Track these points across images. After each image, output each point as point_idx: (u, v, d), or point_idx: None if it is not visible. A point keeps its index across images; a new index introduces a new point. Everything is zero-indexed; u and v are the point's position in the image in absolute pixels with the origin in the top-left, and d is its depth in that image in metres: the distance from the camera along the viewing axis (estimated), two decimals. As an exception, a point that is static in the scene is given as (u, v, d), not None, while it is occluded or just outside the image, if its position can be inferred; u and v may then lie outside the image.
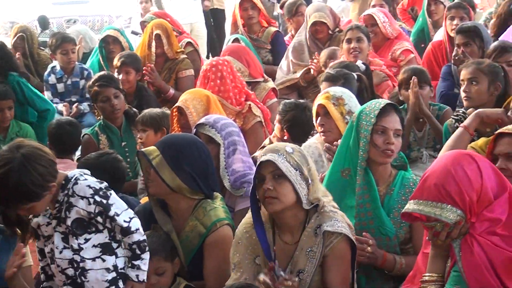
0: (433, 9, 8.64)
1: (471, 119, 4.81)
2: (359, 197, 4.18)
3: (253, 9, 8.59)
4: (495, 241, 3.28)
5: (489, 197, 3.28)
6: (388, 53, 7.86)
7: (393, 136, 4.10)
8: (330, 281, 3.73)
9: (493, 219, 3.29)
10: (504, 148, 3.84)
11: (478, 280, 3.23)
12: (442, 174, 3.27)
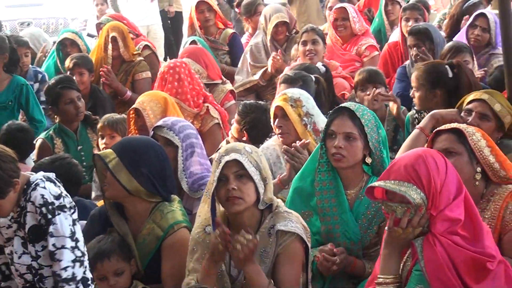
0: (390, 9, 8.77)
1: (427, 121, 4.89)
2: (325, 200, 4.20)
3: (209, 11, 8.59)
4: (456, 241, 3.32)
5: (450, 193, 3.35)
6: (353, 48, 7.94)
7: (343, 140, 4.10)
8: (281, 279, 3.73)
9: (453, 219, 3.33)
10: (442, 145, 3.89)
11: (440, 279, 3.27)
12: (413, 157, 3.38)
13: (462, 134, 3.89)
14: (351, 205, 4.18)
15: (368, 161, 4.21)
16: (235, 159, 3.70)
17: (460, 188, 3.40)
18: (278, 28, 8.04)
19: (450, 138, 3.91)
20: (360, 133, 4.14)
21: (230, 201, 3.72)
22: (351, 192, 4.21)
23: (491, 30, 7.00)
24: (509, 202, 3.83)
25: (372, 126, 4.19)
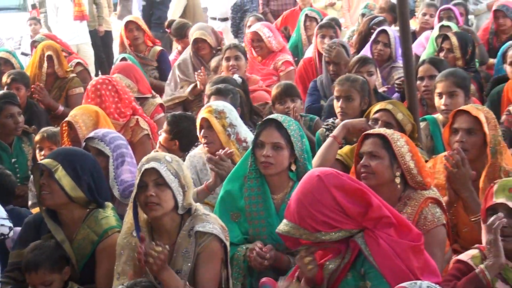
0: (308, 24, 8.91)
1: (339, 130, 4.97)
2: (253, 205, 4.25)
3: (138, 30, 8.61)
4: (392, 233, 3.39)
5: (355, 207, 3.37)
6: (271, 63, 8.05)
7: (271, 149, 4.16)
8: (199, 277, 3.77)
9: (381, 216, 3.38)
10: (368, 148, 3.98)
11: (390, 267, 3.31)
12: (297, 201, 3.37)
13: (387, 140, 3.97)
14: (277, 209, 4.22)
15: (293, 168, 4.28)
16: (154, 167, 3.75)
17: (363, 196, 3.41)
18: (199, 45, 8.09)
19: (375, 142, 3.98)
20: (286, 142, 4.19)
21: (148, 206, 3.76)
22: (277, 197, 4.26)
23: (391, 45, 7.22)
24: (423, 208, 3.91)
25: (297, 135, 4.25)
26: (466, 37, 7.02)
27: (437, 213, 3.93)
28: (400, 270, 3.32)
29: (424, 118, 5.52)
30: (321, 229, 3.32)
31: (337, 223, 3.33)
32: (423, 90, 5.95)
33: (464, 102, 5.21)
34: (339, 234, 3.35)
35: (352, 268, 3.44)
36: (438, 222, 3.90)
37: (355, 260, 3.42)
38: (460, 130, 4.37)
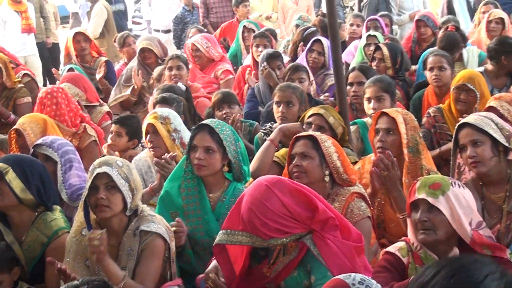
0: (246, 35, 8.97)
1: (276, 134, 5.02)
2: (191, 204, 4.26)
3: (85, 41, 8.57)
4: (338, 235, 3.41)
5: (303, 211, 3.36)
6: (212, 72, 8.11)
7: (203, 152, 4.19)
8: (139, 270, 3.77)
9: (327, 218, 3.40)
10: (300, 149, 4.05)
11: (338, 265, 3.32)
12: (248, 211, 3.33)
13: (316, 141, 4.05)
14: (213, 207, 4.25)
15: (225, 169, 4.33)
16: (106, 172, 3.76)
17: (308, 201, 3.40)
18: (145, 54, 8.11)
19: (306, 143, 4.05)
20: (218, 146, 4.22)
21: (98, 208, 3.77)
22: (213, 196, 4.29)
23: (325, 53, 7.31)
24: (350, 202, 4.01)
25: (231, 139, 4.27)
26: (396, 47, 7.17)
27: (362, 207, 4.04)
28: (347, 268, 3.33)
29: (355, 121, 5.61)
30: (274, 236, 3.30)
31: (288, 228, 3.32)
32: (353, 96, 6.05)
33: (390, 105, 5.31)
34: (290, 238, 3.36)
35: (299, 266, 3.46)
36: (364, 215, 4.01)
37: (303, 259, 3.45)
38: (380, 130, 4.48)
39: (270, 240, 3.31)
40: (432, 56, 6.33)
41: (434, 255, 3.38)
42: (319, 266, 3.35)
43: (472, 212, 3.39)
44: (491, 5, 9.29)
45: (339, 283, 2.68)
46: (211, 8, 12.09)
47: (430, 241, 3.36)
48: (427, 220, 3.33)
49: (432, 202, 3.33)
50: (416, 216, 3.38)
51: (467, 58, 7.54)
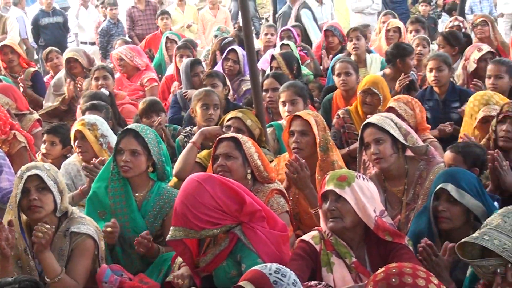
0: (169, 46, 8.98)
1: (197, 136, 5.00)
2: (118, 203, 4.24)
3: (12, 53, 8.38)
4: (265, 226, 3.49)
5: (232, 204, 3.45)
6: (138, 80, 8.04)
7: (129, 155, 4.19)
8: (69, 268, 3.74)
9: (254, 210, 3.48)
10: (223, 150, 4.10)
11: (267, 252, 3.42)
12: (181, 205, 3.41)
13: (239, 142, 4.10)
14: (139, 205, 4.24)
15: (149, 170, 4.33)
16: (36, 173, 3.72)
17: (237, 194, 3.48)
18: (71, 64, 7.97)
19: (229, 144, 4.10)
20: (143, 148, 4.23)
21: (32, 209, 3.73)
22: (139, 195, 4.27)
23: (240, 62, 7.36)
24: (270, 198, 4.08)
25: (154, 142, 4.29)
26: (290, 55, 7.31)
27: (281, 202, 4.13)
28: (275, 255, 3.44)
29: (271, 124, 5.66)
30: (206, 227, 3.38)
31: (219, 220, 3.40)
32: (268, 101, 6.11)
33: (303, 108, 5.37)
34: (220, 229, 3.43)
35: (229, 256, 3.52)
36: (283, 209, 4.09)
37: (233, 250, 3.50)
38: (295, 132, 4.55)
39: (202, 232, 3.38)
40: (339, 62, 6.43)
41: (343, 242, 3.46)
42: (249, 254, 3.42)
43: (375, 202, 3.48)
44: (389, 15, 9.55)
45: (257, 273, 2.73)
46: (137, 21, 12.14)
47: (338, 228, 3.44)
48: (335, 209, 3.41)
49: (339, 192, 3.41)
50: (325, 206, 3.46)
51: (370, 64, 7.73)
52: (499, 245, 2.74)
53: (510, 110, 4.50)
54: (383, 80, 5.91)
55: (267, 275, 2.71)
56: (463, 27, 8.31)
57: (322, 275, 3.43)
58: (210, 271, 3.57)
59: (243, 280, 2.75)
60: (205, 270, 3.58)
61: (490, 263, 2.78)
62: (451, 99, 6.11)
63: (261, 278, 2.71)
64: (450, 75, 6.30)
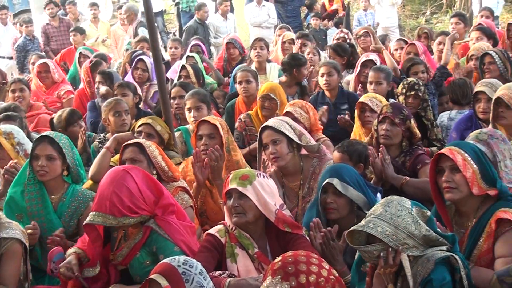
0: (82, 60, 8.78)
1: (111, 142, 4.95)
2: (34, 206, 4.15)
3: None
4: (175, 218, 3.49)
5: (151, 195, 3.45)
6: (55, 92, 7.93)
7: (45, 160, 4.11)
8: (3, 273, 3.60)
9: (169, 204, 3.48)
10: (129, 155, 4.10)
11: (181, 239, 3.42)
12: (107, 189, 3.36)
13: (142, 147, 4.08)
14: (55, 207, 4.18)
15: (64, 174, 4.25)
16: None
17: (156, 187, 3.50)
18: None
19: (134, 149, 4.10)
20: (58, 154, 4.16)
21: None
22: (55, 197, 4.20)
23: (148, 69, 7.38)
24: (175, 195, 4.04)
25: (68, 147, 4.23)
26: (197, 66, 7.37)
27: (185, 198, 4.14)
28: (190, 243, 3.45)
29: (179, 128, 5.63)
30: (126, 214, 3.33)
31: (138, 209, 3.37)
32: (176, 107, 6.08)
33: (207, 114, 5.36)
34: (137, 219, 3.39)
35: (142, 248, 3.48)
36: (187, 204, 4.10)
37: (146, 241, 3.47)
38: (203, 136, 4.54)
39: (120, 218, 3.33)
40: (240, 71, 6.47)
41: (246, 234, 3.47)
42: (166, 245, 3.41)
43: (275, 197, 3.51)
44: (284, 28, 9.67)
45: (166, 266, 2.71)
46: (51, 37, 11.94)
47: (241, 222, 3.45)
48: (238, 206, 3.42)
49: (242, 190, 3.42)
50: (229, 203, 3.46)
51: (269, 72, 7.80)
52: (382, 232, 2.80)
53: (388, 111, 4.62)
54: (280, 86, 5.97)
55: (176, 267, 2.70)
56: (348, 38, 8.52)
57: (227, 265, 3.44)
58: (126, 264, 3.53)
59: (154, 273, 2.71)
60: (121, 263, 3.55)
61: (374, 248, 2.83)
62: (341, 102, 6.25)
63: (170, 270, 2.69)
64: (339, 80, 6.45)
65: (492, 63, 6.09)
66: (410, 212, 2.86)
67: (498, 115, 4.67)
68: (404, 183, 4.35)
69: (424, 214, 2.92)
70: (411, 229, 2.83)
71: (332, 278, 2.42)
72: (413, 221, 2.84)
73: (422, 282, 2.80)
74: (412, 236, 2.83)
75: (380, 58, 7.18)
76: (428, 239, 2.87)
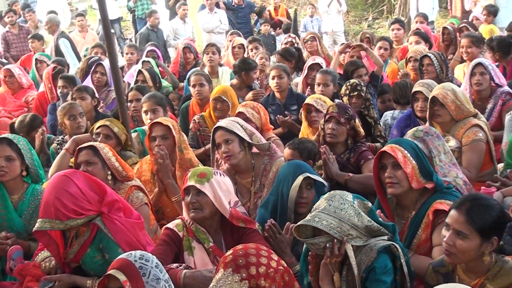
0: (38, 66, 8.62)
1: (70, 144, 4.89)
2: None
3: None
4: (122, 215, 3.43)
5: (95, 195, 3.39)
6: (23, 97, 7.81)
7: (4, 161, 4.02)
8: None
9: (113, 201, 3.43)
10: (84, 157, 4.01)
11: (125, 240, 3.36)
12: (50, 196, 3.29)
13: (96, 149, 4.02)
14: (15, 206, 4.10)
15: (23, 174, 4.16)
16: None
17: (99, 187, 3.45)
18: None
19: (88, 152, 4.02)
20: (17, 154, 4.09)
21: None
22: (15, 197, 4.12)
23: (107, 73, 7.24)
24: (129, 194, 4.03)
25: (26, 149, 4.16)
26: (153, 71, 7.34)
27: (140, 196, 4.08)
28: (133, 242, 3.40)
29: (136, 130, 5.58)
30: (72, 217, 3.27)
31: (83, 210, 3.31)
32: (133, 110, 6.03)
33: (163, 116, 5.31)
34: (84, 220, 3.33)
35: (92, 244, 3.45)
36: (142, 202, 4.06)
37: (95, 238, 3.44)
38: (157, 137, 4.52)
39: (67, 221, 3.28)
40: (193, 75, 6.44)
41: (203, 228, 3.47)
42: (111, 246, 3.38)
43: (231, 195, 3.50)
44: (235, 34, 9.72)
45: (123, 261, 2.68)
46: (11, 44, 11.72)
47: (198, 218, 3.44)
48: (196, 202, 3.41)
49: (200, 187, 3.41)
50: (187, 199, 3.45)
51: (221, 75, 7.79)
52: (327, 225, 2.83)
53: (334, 111, 4.66)
54: (232, 89, 5.96)
55: (132, 262, 2.67)
56: (296, 43, 8.57)
57: (184, 258, 3.43)
58: (78, 260, 3.50)
59: (112, 269, 2.69)
60: (74, 260, 3.50)
61: (320, 240, 2.86)
62: (290, 103, 6.28)
63: (127, 265, 2.66)
64: (289, 82, 6.48)
65: (430, 65, 6.20)
66: (352, 205, 2.89)
67: (434, 113, 4.76)
68: (348, 179, 4.41)
69: (366, 206, 2.96)
70: (354, 220, 2.86)
71: (281, 268, 2.42)
72: (355, 213, 2.88)
73: (366, 270, 2.84)
74: (355, 227, 2.86)
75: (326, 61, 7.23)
76: (370, 230, 2.91)
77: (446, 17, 13.61)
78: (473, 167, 4.49)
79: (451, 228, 2.71)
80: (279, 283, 2.40)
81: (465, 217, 2.67)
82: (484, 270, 2.71)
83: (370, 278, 2.80)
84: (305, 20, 13.20)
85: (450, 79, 6.13)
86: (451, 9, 13.03)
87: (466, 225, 2.67)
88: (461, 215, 2.68)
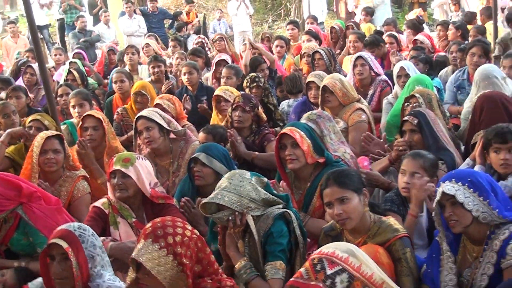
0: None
1: (4, 137, 4.58)
2: None
3: None
4: (42, 203, 3.27)
5: (10, 192, 3.20)
6: None
7: None
8: None
9: (31, 192, 3.24)
10: (49, 146, 3.88)
11: (45, 226, 3.20)
12: None
13: (62, 139, 3.94)
14: None
15: None
16: None
17: (15, 186, 3.26)
18: None
19: (53, 142, 3.90)
20: None
21: None
22: None
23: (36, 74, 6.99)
24: (76, 183, 3.91)
25: None
26: (81, 71, 7.13)
27: (85, 185, 3.99)
28: (52, 226, 3.20)
29: (65, 122, 5.37)
30: None
31: (2, 207, 3.17)
32: (62, 103, 5.85)
33: (89, 109, 5.09)
34: (6, 213, 3.20)
35: (17, 228, 3.34)
36: (86, 191, 3.96)
37: (20, 224, 3.32)
38: (89, 127, 4.43)
39: None
40: (115, 73, 6.31)
41: (126, 206, 3.42)
42: (33, 230, 3.29)
43: (151, 176, 3.47)
44: (152, 36, 9.64)
45: (64, 231, 2.65)
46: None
47: (124, 197, 3.40)
48: (121, 183, 3.36)
49: (125, 171, 3.36)
50: (114, 181, 3.39)
51: (141, 72, 7.66)
52: (229, 201, 2.83)
53: (240, 101, 4.67)
54: (150, 84, 5.88)
55: (72, 231, 2.64)
56: (205, 43, 8.51)
57: (111, 231, 3.39)
58: (6, 243, 3.36)
59: (54, 238, 2.63)
60: (2, 243, 3.37)
61: (224, 214, 2.85)
62: (201, 94, 6.24)
63: (68, 233, 2.63)
64: (199, 77, 6.44)
65: (320, 59, 6.34)
66: (250, 181, 2.90)
67: (325, 100, 4.86)
68: (254, 157, 4.43)
69: (262, 181, 2.98)
70: (252, 195, 2.88)
71: (194, 237, 2.42)
72: (253, 188, 2.89)
73: (265, 235, 2.86)
74: (253, 201, 2.88)
75: (233, 58, 7.22)
76: (267, 201, 2.93)
77: (333, 18, 13.91)
78: (357, 144, 4.62)
79: (333, 201, 2.77)
80: (193, 249, 2.39)
81: (337, 186, 2.76)
82: (365, 229, 2.80)
83: (269, 241, 2.84)
84: (214, 23, 13.18)
85: (337, 70, 6.29)
86: (337, 11, 13.36)
87: (342, 190, 2.75)
88: (334, 187, 2.76)
